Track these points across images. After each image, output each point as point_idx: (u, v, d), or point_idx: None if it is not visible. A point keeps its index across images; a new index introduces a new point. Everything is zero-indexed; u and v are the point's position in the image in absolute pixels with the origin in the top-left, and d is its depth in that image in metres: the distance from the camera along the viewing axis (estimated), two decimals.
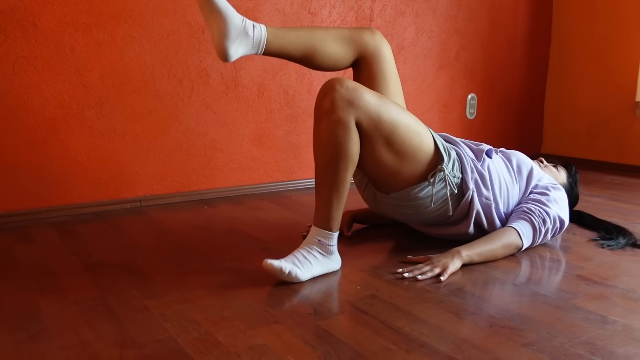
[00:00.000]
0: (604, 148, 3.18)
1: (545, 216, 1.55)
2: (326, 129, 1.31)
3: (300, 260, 1.34)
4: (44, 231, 1.82)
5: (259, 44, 1.36)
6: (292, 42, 1.40)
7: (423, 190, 1.47)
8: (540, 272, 1.43)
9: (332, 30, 1.47)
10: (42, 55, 1.92)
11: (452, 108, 3.04)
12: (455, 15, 2.95)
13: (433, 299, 1.25)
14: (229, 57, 1.32)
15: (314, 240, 1.37)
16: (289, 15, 2.40)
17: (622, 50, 3.03)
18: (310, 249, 1.36)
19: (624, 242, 1.67)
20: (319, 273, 1.37)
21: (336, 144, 1.30)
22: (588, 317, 1.15)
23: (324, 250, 1.37)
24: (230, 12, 1.30)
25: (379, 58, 1.51)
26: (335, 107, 1.29)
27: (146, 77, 2.12)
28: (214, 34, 1.32)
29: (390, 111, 1.36)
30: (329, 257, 1.39)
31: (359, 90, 1.32)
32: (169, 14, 2.12)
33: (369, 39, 1.50)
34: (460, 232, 1.57)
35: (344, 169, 1.32)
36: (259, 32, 1.35)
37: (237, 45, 1.32)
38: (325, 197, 1.35)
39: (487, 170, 1.56)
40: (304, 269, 1.33)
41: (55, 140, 1.98)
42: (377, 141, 1.36)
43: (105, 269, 1.45)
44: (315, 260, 1.36)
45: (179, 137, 2.22)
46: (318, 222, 1.37)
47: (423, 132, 1.44)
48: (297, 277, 1.32)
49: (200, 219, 1.98)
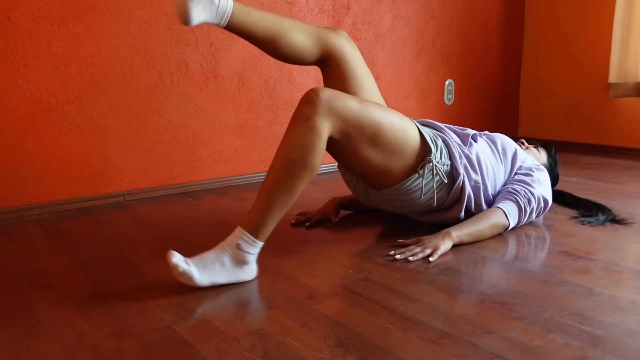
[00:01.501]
0: (579, 129, 3.25)
1: (530, 196, 1.59)
2: (299, 132, 1.26)
3: (205, 263, 1.22)
4: (28, 229, 1.80)
5: (223, 14, 1.30)
6: (258, 22, 1.37)
7: (414, 183, 1.49)
8: (526, 250, 1.47)
9: (299, 22, 1.45)
10: (17, 50, 1.88)
11: (430, 94, 3.07)
12: (431, 2, 2.98)
13: (424, 279, 1.27)
14: (190, 19, 1.26)
15: (232, 244, 1.24)
16: (267, 4, 2.39)
17: (594, 33, 3.09)
18: (222, 253, 1.23)
19: (604, 218, 1.72)
20: (223, 282, 1.23)
21: (304, 147, 1.25)
22: (575, 290, 1.19)
23: (238, 258, 1.24)
24: None
25: (346, 57, 1.50)
26: (315, 114, 1.26)
27: (125, 70, 2.09)
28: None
29: (372, 114, 1.35)
30: (240, 267, 1.25)
31: (340, 98, 1.30)
32: (145, 5, 2.10)
33: (335, 38, 1.49)
34: (452, 217, 1.60)
35: (300, 176, 1.26)
36: (226, 2, 1.30)
37: (200, 9, 1.26)
38: (268, 198, 1.25)
39: (475, 154, 1.58)
40: (205, 273, 1.20)
41: (34, 137, 1.95)
42: (361, 144, 1.35)
43: (95, 263, 1.44)
44: (222, 268, 1.23)
45: (161, 130, 2.21)
46: (247, 225, 1.25)
47: (407, 127, 1.44)
48: (193, 280, 1.19)
49: (186, 211, 1.98)
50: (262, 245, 1.28)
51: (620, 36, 2.85)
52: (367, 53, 2.75)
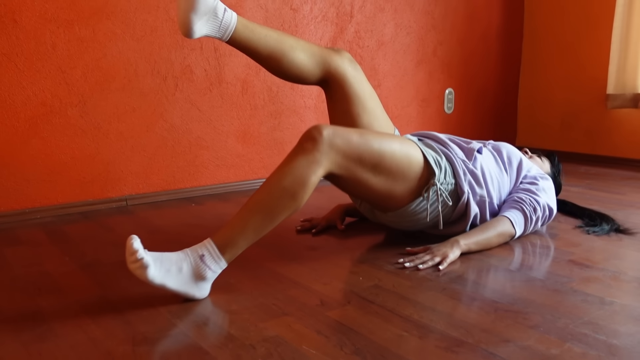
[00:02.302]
0: (577, 139, 3.27)
1: (535, 205, 1.59)
2: (297, 162, 1.24)
3: (163, 261, 1.14)
4: (31, 232, 1.78)
5: (226, 29, 1.30)
6: (261, 38, 1.36)
7: (418, 206, 1.50)
8: (534, 259, 1.47)
9: (303, 42, 1.44)
10: (22, 53, 1.87)
11: (430, 103, 3.09)
12: (433, 11, 3.00)
13: (435, 287, 1.27)
14: (192, 32, 1.25)
15: (197, 253, 1.18)
16: (272, 11, 2.39)
17: (593, 44, 3.12)
18: (184, 259, 1.17)
19: (608, 228, 1.73)
20: (172, 288, 1.14)
21: (298, 179, 1.23)
22: (586, 299, 1.19)
23: (196, 270, 1.17)
24: None
25: (348, 79, 1.49)
26: (316, 150, 1.25)
27: (130, 74, 2.08)
28: (180, 5, 1.24)
29: (372, 146, 1.34)
30: (195, 282, 1.17)
31: (340, 135, 1.29)
32: (151, 10, 2.09)
33: (337, 60, 1.48)
34: (458, 231, 1.60)
35: (286, 207, 1.23)
36: (229, 17, 1.30)
37: (203, 22, 1.26)
38: (247, 219, 1.21)
39: (480, 168, 1.58)
40: (159, 271, 1.12)
41: (38, 140, 1.94)
42: (363, 176, 1.35)
43: (102, 267, 1.43)
44: (179, 274, 1.15)
45: (164, 134, 2.20)
46: (217, 238, 1.20)
47: (410, 152, 1.43)
48: (146, 273, 1.10)
49: (188, 217, 1.97)
50: (224, 268, 1.21)
51: (618, 48, 2.88)
52: (369, 61, 2.76)
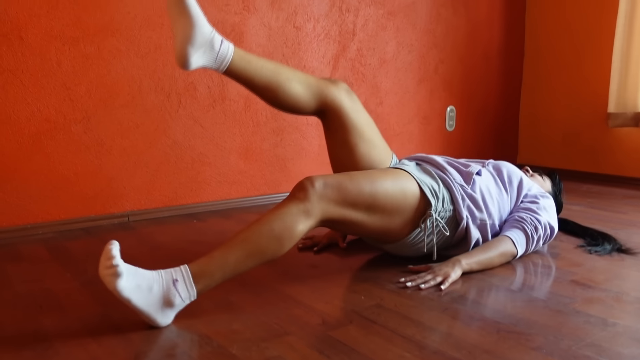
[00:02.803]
0: (578, 158, 3.28)
1: (537, 224, 1.59)
2: (290, 209, 1.25)
3: (137, 277, 1.11)
4: (33, 248, 1.78)
5: (222, 60, 1.30)
6: (257, 70, 1.36)
7: (417, 237, 1.50)
8: (536, 279, 1.47)
9: (299, 73, 1.44)
10: (28, 69, 1.89)
11: (432, 120, 3.10)
12: (434, 30, 3.02)
13: (437, 306, 1.27)
14: (189, 64, 1.25)
15: (170, 276, 1.14)
16: (275, 29, 2.42)
17: (593, 62, 3.14)
18: (156, 280, 1.13)
19: (610, 247, 1.73)
20: (137, 307, 1.10)
21: (286, 225, 1.23)
22: (589, 320, 1.19)
23: (166, 295, 1.13)
24: (201, 19, 1.25)
25: (344, 110, 1.48)
26: (307, 201, 1.26)
27: (133, 90, 2.10)
28: (177, 37, 1.24)
29: (364, 190, 1.35)
30: (162, 307, 1.13)
31: (332, 185, 1.30)
32: (156, 27, 2.12)
33: (334, 91, 1.47)
34: (459, 253, 1.59)
35: (270, 250, 1.23)
36: (226, 48, 1.30)
37: (199, 54, 1.26)
38: (228, 252, 1.20)
39: (479, 191, 1.58)
40: (130, 284, 1.08)
41: (41, 155, 1.94)
42: (358, 218, 1.36)
43: (104, 285, 1.42)
44: (148, 293, 1.10)
45: (167, 151, 2.21)
46: (194, 267, 1.17)
47: (405, 186, 1.44)
48: (116, 281, 1.07)
49: (191, 233, 1.97)
50: (192, 301, 1.17)
51: (619, 67, 2.90)
52: (371, 78, 2.78)
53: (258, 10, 2.35)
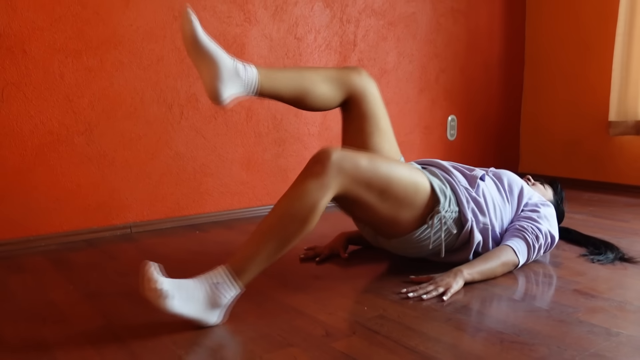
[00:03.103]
0: (580, 166, 3.28)
1: (537, 232, 1.59)
2: (306, 187, 1.26)
3: (181, 289, 1.15)
4: (35, 260, 1.79)
5: (251, 86, 1.33)
6: (284, 84, 1.39)
7: (423, 233, 1.51)
8: (538, 288, 1.47)
9: (321, 71, 1.47)
10: (31, 82, 1.90)
11: (433, 129, 3.11)
12: (435, 40, 3.04)
13: (440, 317, 1.27)
14: (222, 100, 1.29)
15: (211, 280, 1.19)
16: (276, 40, 2.43)
17: (594, 71, 3.15)
18: (199, 287, 1.18)
19: (613, 256, 1.73)
20: (188, 315, 1.15)
21: (307, 204, 1.24)
22: (592, 329, 1.19)
23: (212, 297, 1.18)
24: (221, 54, 1.28)
25: (367, 97, 1.52)
26: (325, 174, 1.27)
27: (136, 102, 2.11)
28: (204, 78, 1.29)
29: (381, 171, 1.36)
30: (210, 309, 1.18)
31: (349, 159, 1.31)
32: (158, 39, 2.13)
33: (357, 79, 1.51)
34: (461, 259, 1.60)
35: (297, 232, 1.25)
36: (251, 73, 1.33)
37: (229, 87, 1.29)
38: (259, 246, 1.23)
39: (482, 195, 1.59)
40: (176, 299, 1.13)
41: (44, 167, 1.95)
42: (370, 200, 1.37)
43: (106, 297, 1.43)
44: (194, 301, 1.16)
45: (169, 162, 2.22)
46: (231, 266, 1.21)
47: (417, 179, 1.45)
48: (160, 300, 1.11)
49: (193, 244, 1.97)
50: (240, 293, 1.23)
51: (619, 75, 2.91)
52: None
53: (259, 21, 2.37)
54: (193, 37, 1.26)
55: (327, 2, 2.58)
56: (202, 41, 1.26)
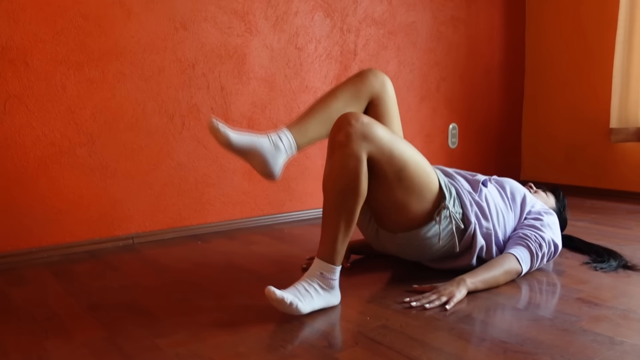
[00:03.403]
0: (582, 173, 3.28)
1: (541, 241, 1.59)
2: (339, 162, 1.32)
3: (302, 293, 1.32)
4: (38, 272, 1.79)
5: (291, 149, 1.43)
6: (316, 130, 1.47)
7: (431, 230, 1.50)
8: (541, 297, 1.46)
9: (341, 95, 1.51)
10: (33, 94, 1.91)
11: (434, 138, 3.11)
12: (435, 48, 3.05)
13: (443, 326, 1.26)
14: (276, 176, 1.43)
15: (316, 273, 1.35)
16: (277, 50, 2.44)
17: (594, 78, 3.16)
18: (311, 282, 1.35)
19: (616, 264, 1.72)
20: (320, 307, 1.35)
21: (348, 177, 1.32)
22: (596, 338, 1.18)
23: (325, 284, 1.36)
24: (258, 142, 1.38)
25: (384, 98, 1.57)
26: (350, 140, 1.31)
27: (138, 113, 2.12)
28: (255, 167, 1.41)
29: (401, 147, 1.39)
30: (329, 292, 1.37)
31: (373, 125, 1.34)
32: (159, 51, 2.14)
33: (374, 82, 1.55)
34: (463, 265, 1.60)
35: (354, 202, 1.33)
36: (287, 140, 1.42)
37: (277, 162, 1.41)
38: (333, 229, 1.34)
39: (485, 200, 1.60)
40: (305, 301, 1.31)
41: (46, 179, 1.96)
42: (388, 175, 1.39)
43: (108, 309, 1.43)
44: (316, 294, 1.34)
45: (171, 172, 2.22)
46: (322, 255, 1.36)
47: (430, 171, 1.48)
48: (298, 309, 1.29)
49: (195, 255, 1.97)
50: (340, 268, 1.38)
51: (620, 82, 2.91)
52: None
53: (260, 32, 2.38)
54: (228, 143, 1.36)
55: (328, 12, 2.59)
56: (237, 142, 1.36)
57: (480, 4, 3.24)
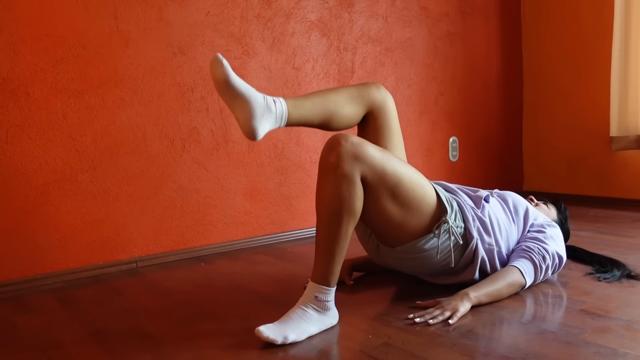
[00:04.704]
0: (584, 182, 3.28)
1: (544, 253, 1.59)
2: (331, 183, 1.32)
3: (295, 321, 1.31)
4: (42, 299, 1.79)
5: (281, 117, 1.40)
6: (310, 110, 1.45)
7: (428, 242, 1.50)
8: (545, 309, 1.46)
9: (342, 92, 1.52)
10: (35, 123, 1.93)
11: (435, 152, 3.12)
12: (432, 63, 3.07)
13: (445, 342, 1.26)
14: (258, 136, 1.36)
15: (310, 297, 1.35)
16: (275, 71, 2.47)
17: (592, 87, 3.17)
18: (305, 308, 1.34)
19: (619, 274, 1.71)
20: (316, 332, 1.34)
21: (341, 198, 1.32)
22: (599, 351, 1.18)
23: (320, 307, 1.35)
24: (252, 93, 1.34)
25: (385, 111, 1.58)
26: (341, 161, 1.31)
27: (138, 138, 2.14)
28: (239, 117, 1.35)
29: (394, 164, 1.39)
30: (325, 314, 1.36)
31: (363, 145, 1.35)
32: (158, 76, 2.17)
33: (376, 94, 1.56)
34: (466, 280, 1.60)
35: (347, 223, 1.33)
36: (280, 106, 1.39)
37: (263, 122, 1.36)
38: (326, 251, 1.34)
39: (488, 216, 1.60)
40: (299, 330, 1.30)
41: (49, 206, 1.97)
42: (382, 194, 1.39)
43: (112, 334, 1.43)
44: (311, 320, 1.33)
45: (172, 195, 2.23)
46: (316, 278, 1.35)
47: (425, 185, 1.48)
48: (290, 341, 1.28)
49: (198, 277, 1.97)
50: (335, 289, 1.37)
51: (618, 91, 2.92)
52: None
53: (257, 53, 2.41)
54: (225, 80, 1.31)
55: (324, 31, 2.62)
56: (234, 82, 1.32)
57: (475, 18, 3.27)
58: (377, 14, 2.81)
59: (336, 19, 2.67)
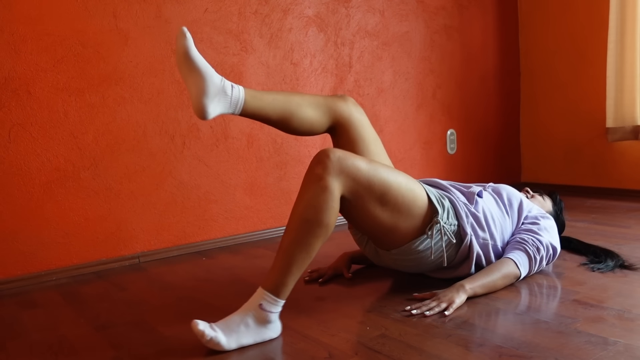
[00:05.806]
0: (581, 173, 3.30)
1: (538, 244, 1.62)
2: (311, 192, 1.31)
3: (231, 327, 1.26)
4: (47, 295, 1.83)
5: (236, 104, 1.39)
6: (269, 104, 1.45)
7: (422, 244, 1.53)
8: (538, 300, 1.49)
9: (307, 97, 1.53)
10: (37, 122, 1.96)
11: (433, 145, 3.15)
12: (429, 57, 3.09)
13: (441, 333, 1.29)
14: (207, 114, 1.35)
15: (254, 305, 1.29)
16: (273, 67, 2.49)
17: (589, 79, 3.19)
18: (245, 315, 1.28)
19: (613, 264, 1.74)
20: (249, 343, 1.28)
21: (317, 207, 1.30)
22: (590, 340, 1.21)
23: (260, 319, 1.28)
24: (209, 71, 1.34)
25: (353, 123, 1.58)
26: (326, 174, 1.32)
27: (139, 135, 2.17)
28: (192, 92, 1.35)
29: (380, 174, 1.40)
30: (264, 326, 1.29)
31: (347, 158, 1.35)
32: (157, 73, 2.19)
33: (342, 106, 1.57)
34: (463, 274, 1.63)
35: (316, 235, 1.31)
36: (237, 92, 1.39)
37: (215, 103, 1.35)
38: (287, 256, 1.30)
39: (481, 211, 1.63)
40: (231, 337, 1.25)
41: (52, 203, 2.01)
42: (371, 203, 1.40)
43: (116, 328, 1.47)
44: (247, 330, 1.27)
45: (173, 191, 2.27)
46: (268, 285, 1.30)
47: (415, 188, 1.49)
48: (220, 345, 1.23)
49: (200, 271, 2.01)
50: (284, 303, 1.32)
51: (614, 82, 2.94)
52: (370, 108, 2.84)
53: (255, 50, 2.43)
54: (185, 52, 1.32)
55: (321, 26, 2.64)
56: (193, 56, 1.33)
57: (472, 11, 3.29)
58: (374, 8, 2.83)
59: (333, 14, 2.68)
